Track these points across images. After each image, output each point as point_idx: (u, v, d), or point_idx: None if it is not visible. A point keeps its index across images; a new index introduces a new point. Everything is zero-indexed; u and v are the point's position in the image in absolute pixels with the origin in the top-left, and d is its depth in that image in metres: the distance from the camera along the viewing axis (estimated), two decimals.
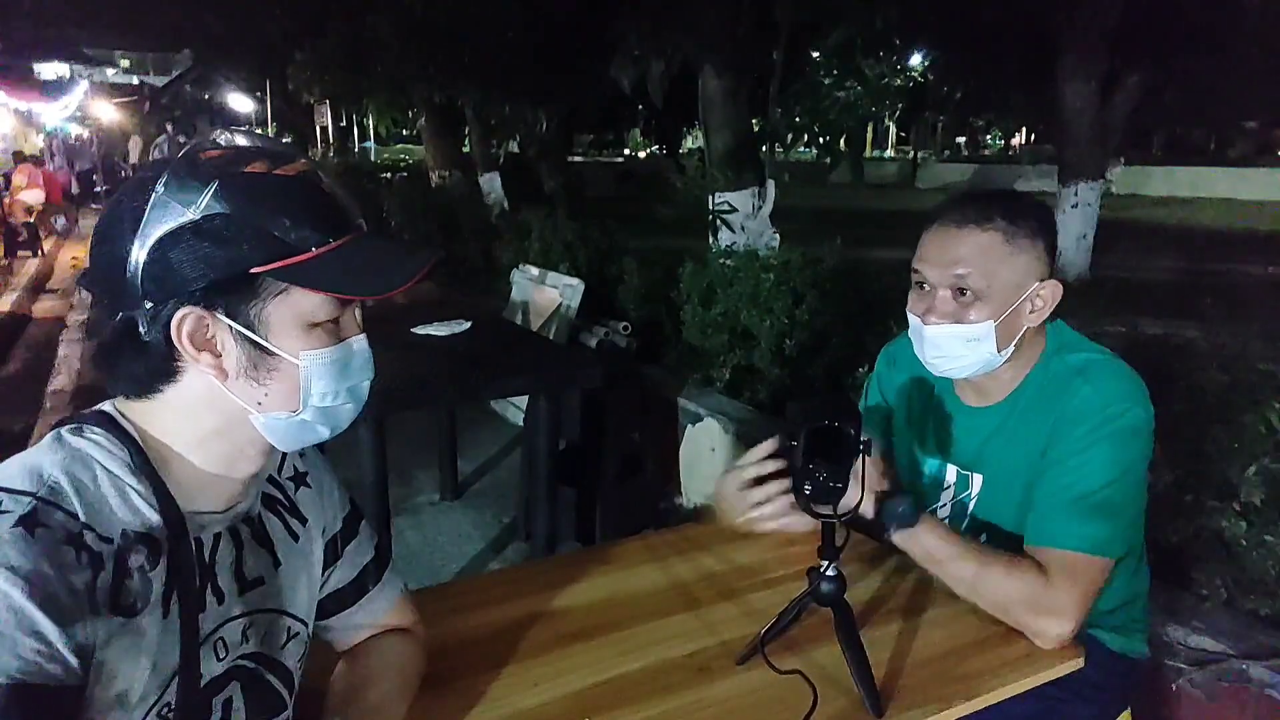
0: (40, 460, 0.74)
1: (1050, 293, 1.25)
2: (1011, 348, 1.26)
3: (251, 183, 0.76)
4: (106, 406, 0.81)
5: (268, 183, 0.77)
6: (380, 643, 1.05)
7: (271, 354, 0.77)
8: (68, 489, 0.73)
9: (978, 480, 1.36)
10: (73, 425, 0.78)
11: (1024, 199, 1.30)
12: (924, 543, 1.22)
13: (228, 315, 0.76)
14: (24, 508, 0.70)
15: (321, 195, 0.79)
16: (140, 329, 0.75)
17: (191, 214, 0.73)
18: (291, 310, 0.77)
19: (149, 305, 0.74)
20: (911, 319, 1.29)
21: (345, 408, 0.84)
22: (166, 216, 0.73)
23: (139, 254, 0.73)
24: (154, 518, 0.77)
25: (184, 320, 0.74)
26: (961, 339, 1.24)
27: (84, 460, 0.75)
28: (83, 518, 0.72)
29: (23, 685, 0.65)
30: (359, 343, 0.83)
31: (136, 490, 0.76)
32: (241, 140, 0.82)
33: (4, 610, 0.66)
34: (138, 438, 0.79)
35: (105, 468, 0.76)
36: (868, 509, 1.19)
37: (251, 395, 0.79)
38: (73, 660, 0.68)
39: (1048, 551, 1.19)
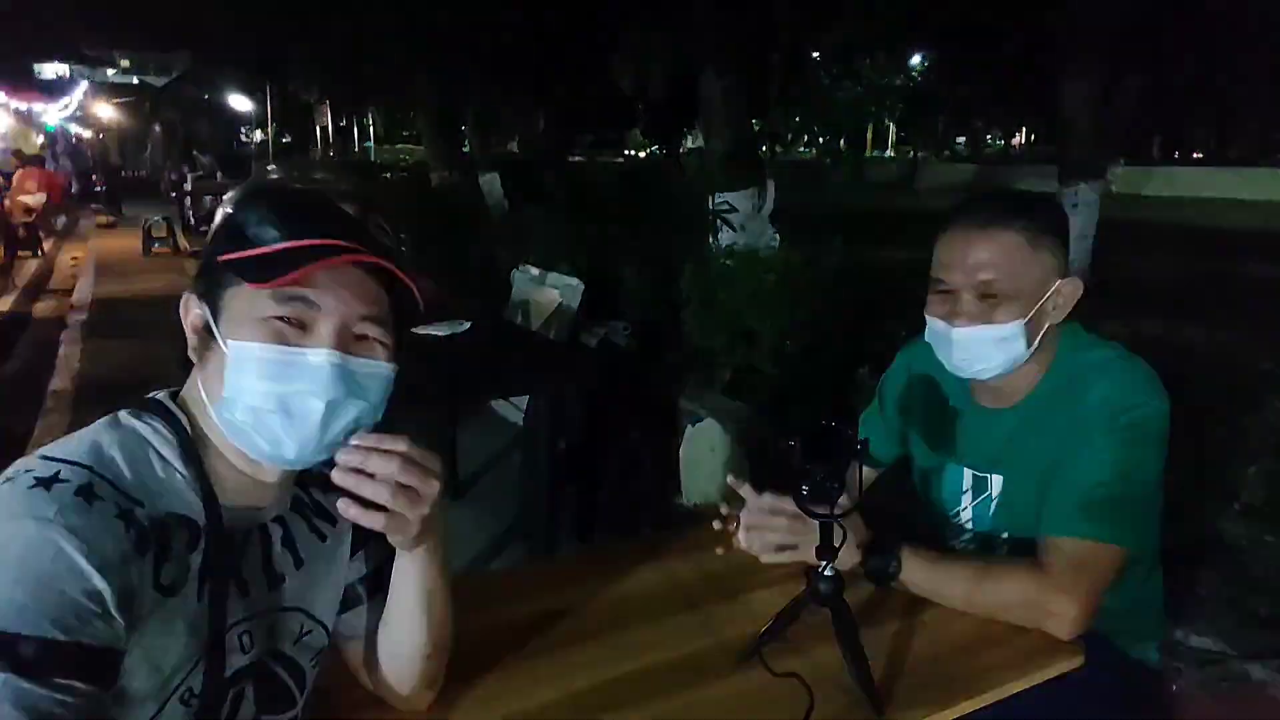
0: (99, 437, 0.79)
1: (1071, 290, 1.25)
2: (1035, 345, 1.25)
3: (260, 192, 0.84)
4: (161, 395, 0.86)
5: (269, 191, 0.84)
6: None
7: (212, 337, 0.81)
8: (122, 465, 0.77)
9: (997, 482, 1.35)
10: (132, 410, 0.83)
11: (1041, 198, 1.29)
12: (915, 579, 1.22)
13: (203, 299, 0.83)
14: (81, 478, 0.73)
15: (308, 206, 0.84)
16: None
17: (219, 220, 0.84)
18: (243, 302, 0.80)
19: None
20: (934, 323, 1.28)
21: (274, 418, 0.80)
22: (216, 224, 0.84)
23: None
24: (196, 504, 0.81)
25: (187, 302, 0.84)
26: (992, 340, 1.23)
27: (140, 441, 0.80)
28: (134, 494, 0.76)
29: (79, 645, 0.68)
30: (315, 356, 0.80)
31: (183, 476, 0.81)
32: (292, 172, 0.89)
33: (66, 570, 0.69)
34: (188, 427, 0.83)
35: (158, 451, 0.80)
36: (848, 561, 1.18)
37: (202, 379, 0.83)
38: (121, 624, 0.71)
39: (1055, 541, 1.19)
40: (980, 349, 1.24)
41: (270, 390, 0.79)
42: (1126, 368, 1.24)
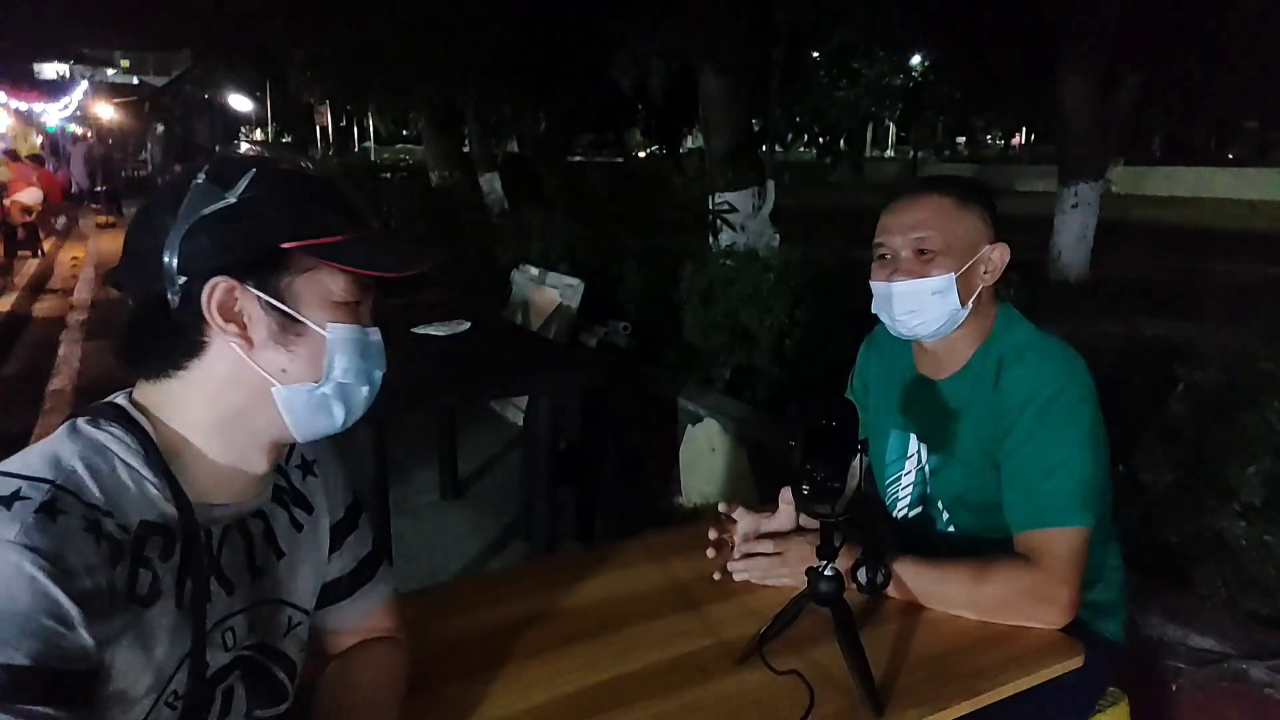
0: (58, 449, 0.76)
1: (999, 255, 1.34)
2: (970, 305, 1.33)
3: (285, 173, 0.83)
4: (119, 399, 0.82)
5: (299, 175, 0.84)
6: (369, 650, 1.05)
7: (298, 322, 0.81)
8: (85, 477, 0.74)
9: (931, 447, 1.42)
10: (87, 417, 0.79)
11: (963, 177, 1.46)
12: (908, 585, 1.25)
13: (257, 287, 0.79)
14: (44, 495, 0.71)
15: (343, 193, 0.86)
16: (170, 305, 0.78)
17: (230, 197, 0.78)
18: (318, 287, 0.81)
19: (181, 281, 0.77)
20: (877, 287, 1.38)
21: (361, 390, 0.87)
22: (205, 202, 0.78)
23: (177, 235, 0.77)
24: (169, 509, 0.78)
25: (214, 290, 0.78)
26: (927, 291, 1.31)
27: (101, 451, 0.77)
28: (102, 506, 0.73)
29: (46, 669, 0.66)
30: (375, 334, 0.88)
31: (151, 482, 0.78)
32: (268, 151, 0.89)
33: (29, 592, 0.66)
34: (150, 430, 0.80)
35: (121, 459, 0.77)
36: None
37: (276, 364, 0.81)
38: (91, 645, 0.69)
39: (1037, 534, 1.23)
40: (918, 301, 1.33)
41: (360, 368, 0.85)
42: (1047, 352, 1.31)
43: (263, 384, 0.81)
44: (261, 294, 0.79)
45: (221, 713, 0.84)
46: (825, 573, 1.10)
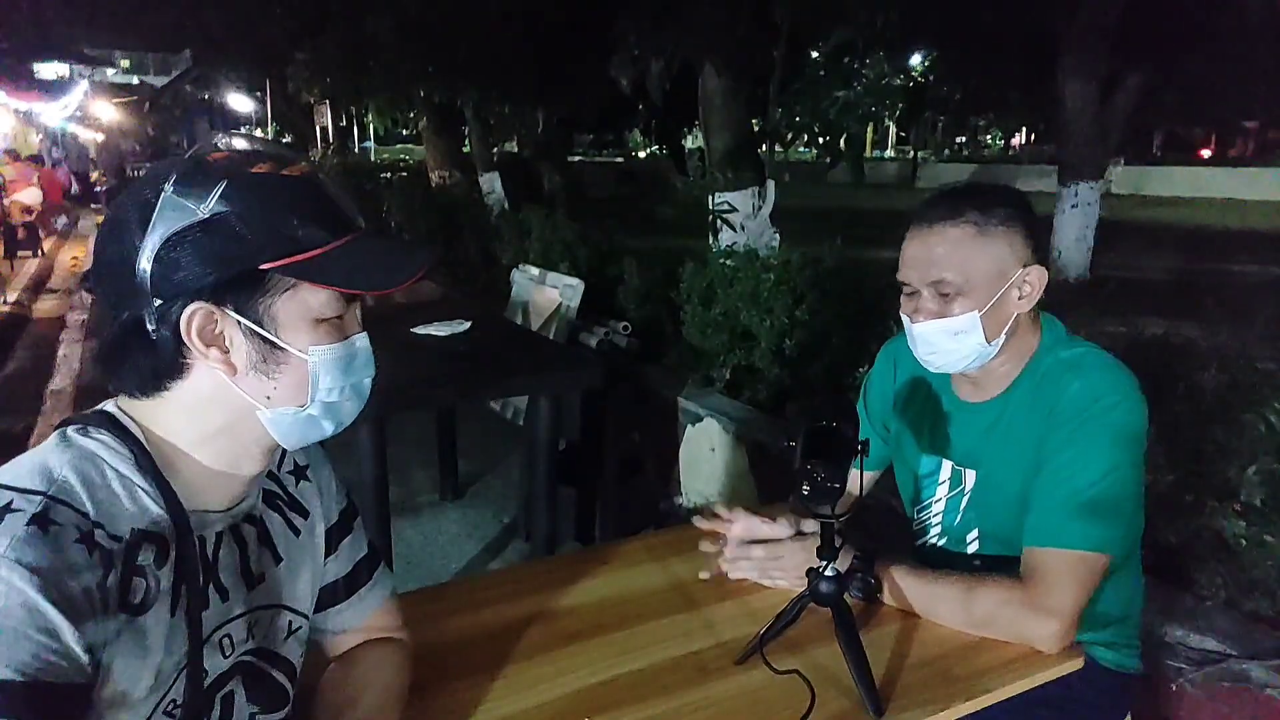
0: (49, 459, 0.75)
1: (1036, 277, 1.24)
2: (1003, 337, 1.25)
3: (258, 182, 0.77)
4: (109, 406, 0.82)
5: (274, 182, 0.78)
6: (371, 651, 1.04)
7: (280, 349, 0.79)
8: (78, 487, 0.73)
9: (971, 476, 1.35)
10: (78, 425, 0.79)
11: (995, 190, 1.28)
12: (901, 595, 1.23)
13: (236, 311, 0.77)
14: (36, 506, 0.70)
15: (325, 195, 0.81)
16: (148, 326, 0.76)
17: (200, 213, 0.74)
18: (299, 306, 0.79)
19: (158, 303, 0.75)
20: (905, 320, 1.31)
21: (349, 404, 0.85)
22: (175, 216, 0.74)
23: (147, 253, 0.74)
24: (162, 516, 0.77)
25: (193, 316, 0.75)
26: (948, 333, 1.24)
27: (92, 459, 0.76)
28: (93, 516, 0.73)
29: (36, 683, 0.65)
30: (361, 340, 0.85)
31: (144, 489, 0.77)
32: (244, 144, 0.83)
33: (18, 607, 0.66)
34: (141, 437, 0.79)
35: (113, 467, 0.76)
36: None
37: (260, 390, 0.80)
38: (83, 658, 0.68)
39: (1041, 551, 1.18)
40: (940, 341, 1.25)
41: (346, 383, 0.84)
42: (1101, 367, 1.23)
43: (248, 406, 0.80)
44: (242, 319, 0.77)
45: (222, 719, 0.84)
46: (825, 573, 1.10)
